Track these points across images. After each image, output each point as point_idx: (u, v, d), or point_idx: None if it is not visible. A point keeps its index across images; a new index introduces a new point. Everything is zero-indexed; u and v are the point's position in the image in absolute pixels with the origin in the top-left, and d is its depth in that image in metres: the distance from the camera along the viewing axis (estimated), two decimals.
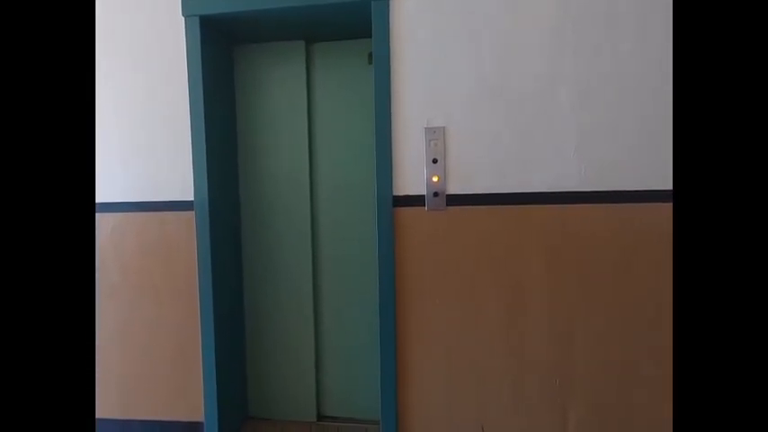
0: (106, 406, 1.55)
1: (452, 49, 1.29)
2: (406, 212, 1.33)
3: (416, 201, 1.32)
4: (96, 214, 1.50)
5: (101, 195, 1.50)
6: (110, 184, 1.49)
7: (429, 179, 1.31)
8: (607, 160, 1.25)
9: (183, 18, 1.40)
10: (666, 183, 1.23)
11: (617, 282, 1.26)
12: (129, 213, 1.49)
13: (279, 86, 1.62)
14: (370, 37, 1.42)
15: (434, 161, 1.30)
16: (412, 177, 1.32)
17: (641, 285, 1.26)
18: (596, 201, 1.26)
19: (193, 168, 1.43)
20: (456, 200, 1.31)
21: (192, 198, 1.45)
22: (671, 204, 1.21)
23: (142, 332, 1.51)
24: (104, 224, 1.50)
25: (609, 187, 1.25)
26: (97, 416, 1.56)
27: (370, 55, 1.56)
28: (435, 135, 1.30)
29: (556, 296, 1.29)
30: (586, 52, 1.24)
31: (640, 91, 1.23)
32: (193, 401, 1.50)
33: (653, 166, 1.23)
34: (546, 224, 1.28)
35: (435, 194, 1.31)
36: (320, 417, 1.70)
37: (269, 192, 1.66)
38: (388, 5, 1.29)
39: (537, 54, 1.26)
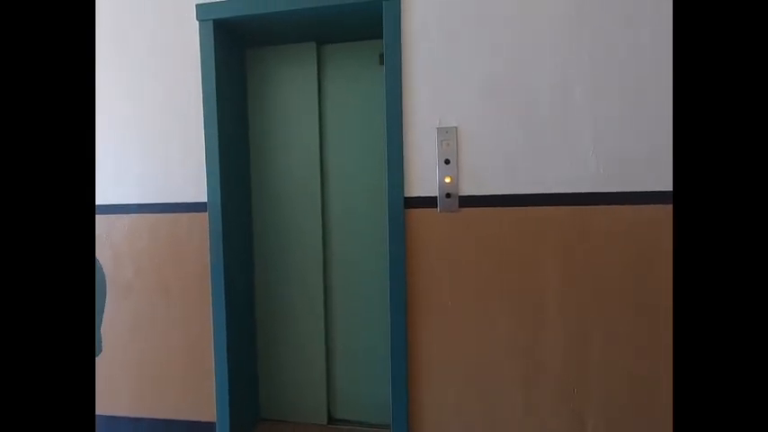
0: (120, 404, 1.57)
1: (464, 48, 1.27)
2: (417, 214, 1.32)
3: (428, 202, 1.31)
4: (113, 215, 1.54)
5: (117, 197, 1.53)
6: (126, 185, 1.52)
7: (441, 180, 1.29)
8: (626, 160, 1.21)
9: (198, 22, 1.43)
10: None
11: (635, 286, 1.22)
12: (145, 215, 1.52)
13: (290, 88, 1.63)
14: (381, 38, 1.42)
15: (446, 162, 1.28)
16: (424, 178, 1.31)
17: (661, 289, 1.21)
18: (614, 202, 1.22)
19: (206, 171, 1.45)
20: (469, 201, 1.29)
21: (204, 200, 1.46)
22: None
23: (156, 331, 1.53)
24: (120, 225, 1.53)
25: (627, 188, 1.22)
26: (110, 413, 1.58)
27: (381, 56, 1.55)
28: (447, 135, 1.28)
29: (571, 300, 1.25)
30: (603, 48, 1.21)
31: (660, 88, 1.19)
32: (205, 402, 1.51)
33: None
34: (561, 226, 1.25)
35: (447, 195, 1.29)
36: (331, 420, 1.69)
37: (280, 193, 1.66)
38: (399, 5, 1.28)
39: (551, 51, 1.23)
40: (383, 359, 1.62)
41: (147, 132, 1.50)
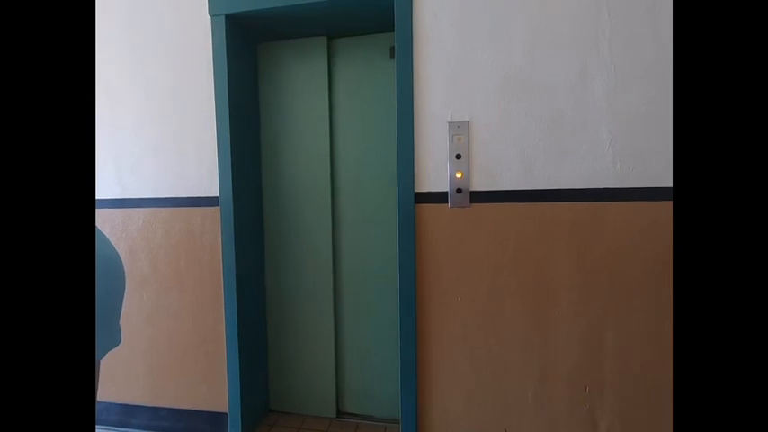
0: (137, 393, 1.61)
1: (477, 41, 1.24)
2: (428, 209, 1.30)
3: (439, 197, 1.29)
4: (129, 209, 1.57)
5: (133, 191, 1.56)
6: (142, 179, 1.55)
7: (452, 175, 1.27)
8: (644, 155, 1.17)
9: (210, 17, 1.43)
10: None
11: (653, 283, 1.19)
12: (159, 208, 1.54)
13: (301, 82, 1.63)
14: (393, 31, 1.40)
15: (458, 157, 1.26)
16: (434, 173, 1.29)
17: None
18: (632, 198, 1.18)
19: (218, 166, 1.46)
20: (480, 197, 1.27)
21: (217, 194, 1.48)
22: None
23: (169, 323, 1.57)
24: (136, 218, 1.56)
25: (645, 184, 1.18)
26: (127, 402, 1.63)
27: (392, 49, 1.54)
28: (459, 130, 1.26)
29: (585, 297, 1.23)
30: (623, 40, 1.17)
31: None
32: (217, 392, 1.54)
33: None
34: (576, 222, 1.22)
35: (458, 191, 1.27)
36: (340, 413, 1.70)
37: (291, 187, 1.67)
38: None
39: (569, 43, 1.19)
40: (393, 353, 1.62)
41: (162, 128, 1.52)
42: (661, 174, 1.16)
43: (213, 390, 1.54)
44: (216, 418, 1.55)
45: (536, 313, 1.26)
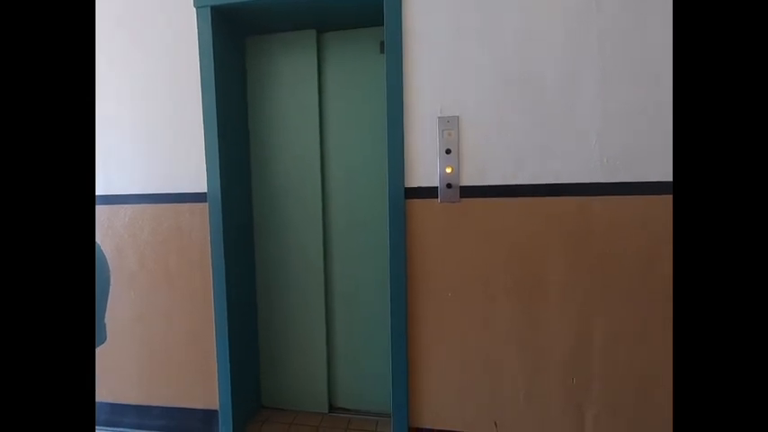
0: (126, 392, 1.60)
1: (468, 36, 1.24)
2: (418, 204, 1.30)
3: (429, 192, 1.29)
4: (115, 205, 1.54)
5: (119, 187, 1.53)
6: (128, 176, 1.52)
7: (442, 170, 1.27)
8: (632, 150, 1.18)
9: (195, 9, 1.40)
10: None
11: (640, 278, 1.21)
12: (146, 205, 1.52)
13: (290, 76, 1.61)
14: (382, 25, 1.38)
15: (448, 152, 1.26)
16: (425, 168, 1.29)
17: (665, 281, 1.19)
18: (620, 192, 1.20)
19: (206, 160, 1.44)
20: (470, 191, 1.27)
21: (205, 189, 1.46)
22: None
23: (159, 320, 1.55)
24: (122, 215, 1.54)
25: (634, 178, 1.19)
26: (117, 401, 1.61)
27: (382, 43, 1.52)
28: (449, 125, 1.26)
29: (574, 292, 1.24)
30: (613, 37, 1.17)
31: (670, 78, 1.15)
32: (208, 390, 1.53)
33: None
34: (565, 217, 1.23)
35: (448, 186, 1.27)
36: (332, 408, 1.71)
37: (280, 182, 1.65)
38: None
39: (559, 39, 1.20)
40: (384, 348, 1.63)
41: (148, 122, 1.49)
42: (647, 169, 1.18)
43: (204, 387, 1.53)
44: (207, 416, 1.54)
45: (526, 307, 1.27)
